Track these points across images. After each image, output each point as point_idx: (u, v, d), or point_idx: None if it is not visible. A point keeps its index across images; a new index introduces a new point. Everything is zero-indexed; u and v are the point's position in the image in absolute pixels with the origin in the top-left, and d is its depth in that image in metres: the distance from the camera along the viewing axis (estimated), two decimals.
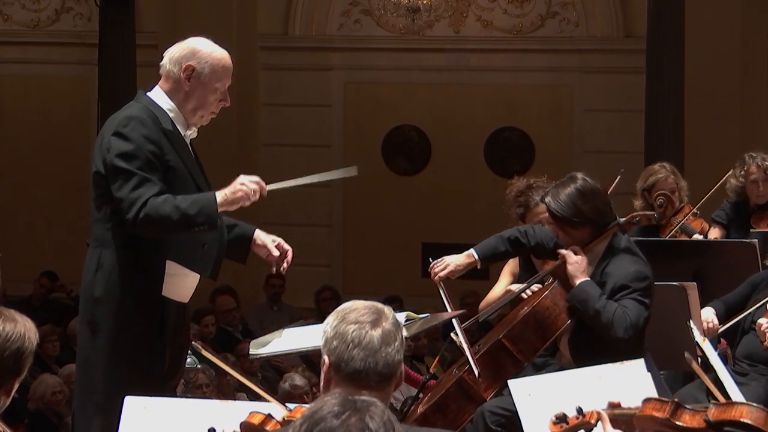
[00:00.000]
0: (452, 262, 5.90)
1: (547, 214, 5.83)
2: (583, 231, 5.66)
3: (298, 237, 14.79)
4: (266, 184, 5.19)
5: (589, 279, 5.58)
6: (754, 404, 3.55)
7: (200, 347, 4.30)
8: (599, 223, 5.66)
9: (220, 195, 5.05)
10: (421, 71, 14.60)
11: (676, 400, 3.42)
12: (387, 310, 3.49)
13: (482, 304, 6.49)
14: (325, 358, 3.42)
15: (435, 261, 5.92)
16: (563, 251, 5.67)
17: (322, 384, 3.45)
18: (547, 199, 5.68)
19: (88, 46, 13.80)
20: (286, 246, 5.34)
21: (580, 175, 5.71)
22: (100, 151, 5.08)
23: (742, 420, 3.46)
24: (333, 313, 3.49)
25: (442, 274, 5.88)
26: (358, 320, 3.42)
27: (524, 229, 6.00)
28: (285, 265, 5.32)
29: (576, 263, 5.62)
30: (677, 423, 3.37)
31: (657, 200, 7.86)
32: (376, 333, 3.40)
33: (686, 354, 4.47)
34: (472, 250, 5.94)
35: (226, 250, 5.26)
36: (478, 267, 6.00)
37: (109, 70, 12.55)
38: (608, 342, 5.45)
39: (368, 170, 14.56)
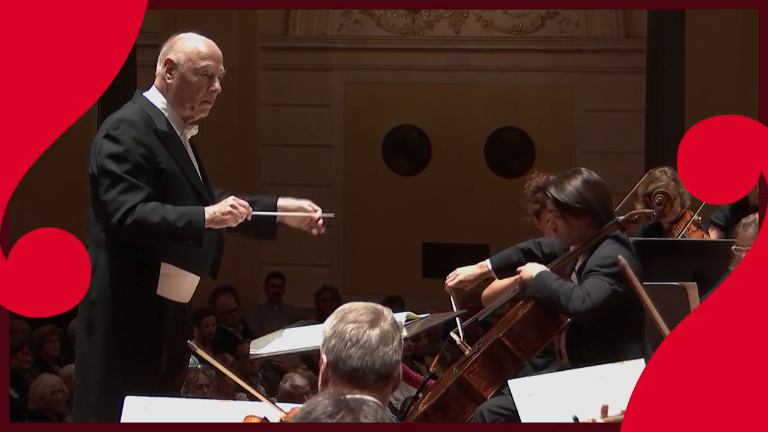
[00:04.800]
0: (462, 272, 5.96)
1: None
2: (584, 221, 5.63)
3: (298, 237, 14.83)
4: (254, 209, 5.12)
5: (543, 270, 5.57)
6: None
7: (196, 347, 4.29)
8: (600, 217, 5.63)
9: (209, 212, 4.98)
10: (422, 71, 14.60)
11: None
12: (386, 311, 3.53)
13: (485, 292, 6.46)
14: (324, 357, 3.46)
15: (449, 275, 5.96)
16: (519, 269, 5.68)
17: (320, 383, 3.48)
18: (551, 189, 5.67)
19: None
20: (314, 206, 5.32)
21: (584, 169, 5.71)
22: (93, 153, 5.07)
23: None
24: (333, 314, 3.53)
25: (451, 284, 5.92)
26: (357, 320, 3.47)
27: (539, 241, 6.01)
28: (320, 223, 5.30)
29: (524, 267, 5.63)
30: None
31: (656, 198, 7.86)
32: (374, 332, 3.45)
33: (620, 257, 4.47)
34: (486, 261, 6.00)
35: (251, 230, 5.21)
36: (494, 276, 6.03)
37: None
38: (605, 340, 5.45)
39: (368, 170, 14.61)
